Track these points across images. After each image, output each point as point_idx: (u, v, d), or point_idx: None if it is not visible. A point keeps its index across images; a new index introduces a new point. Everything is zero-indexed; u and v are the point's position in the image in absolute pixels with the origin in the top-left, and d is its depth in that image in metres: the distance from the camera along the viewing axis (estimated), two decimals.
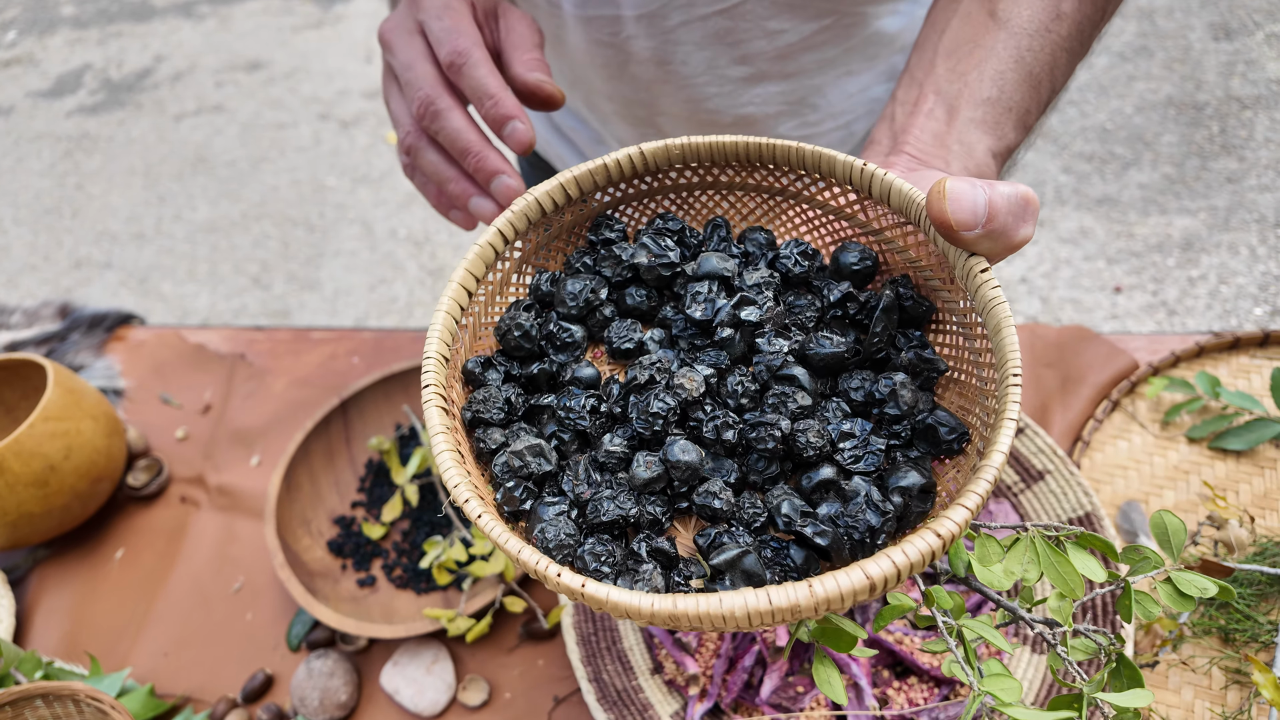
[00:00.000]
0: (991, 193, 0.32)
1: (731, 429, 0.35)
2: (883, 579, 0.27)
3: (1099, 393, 0.77)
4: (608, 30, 0.67)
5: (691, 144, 0.41)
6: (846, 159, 0.38)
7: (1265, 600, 0.62)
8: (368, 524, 0.77)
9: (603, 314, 0.42)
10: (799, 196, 0.43)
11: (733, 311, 0.38)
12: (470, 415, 0.38)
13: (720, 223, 0.43)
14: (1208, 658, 0.61)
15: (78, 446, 0.75)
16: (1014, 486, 0.68)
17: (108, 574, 0.80)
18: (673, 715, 0.61)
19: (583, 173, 0.42)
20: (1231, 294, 1.94)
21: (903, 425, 0.36)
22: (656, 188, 0.44)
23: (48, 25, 3.76)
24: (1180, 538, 0.35)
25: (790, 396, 0.36)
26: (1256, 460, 0.71)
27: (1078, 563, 0.33)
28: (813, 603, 0.27)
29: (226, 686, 0.71)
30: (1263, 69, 2.42)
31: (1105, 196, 2.20)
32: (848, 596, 0.27)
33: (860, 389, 0.37)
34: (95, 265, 2.57)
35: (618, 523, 0.34)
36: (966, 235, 0.33)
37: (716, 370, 0.37)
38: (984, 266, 0.33)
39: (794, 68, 0.69)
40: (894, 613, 0.36)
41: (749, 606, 0.27)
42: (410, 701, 0.66)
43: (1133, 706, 0.32)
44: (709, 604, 0.27)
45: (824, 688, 0.37)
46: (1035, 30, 0.46)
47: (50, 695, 0.64)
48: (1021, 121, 0.46)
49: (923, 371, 0.37)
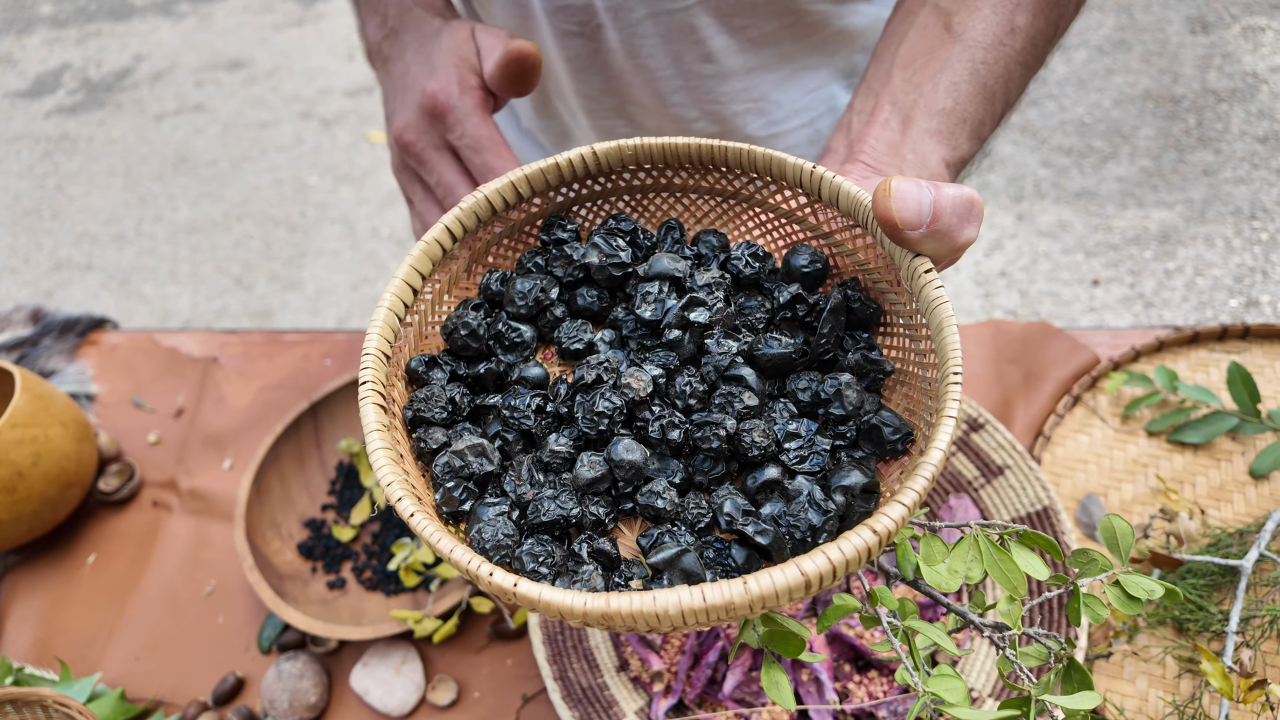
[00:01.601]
0: (937, 193, 0.33)
1: (677, 428, 0.35)
2: (818, 576, 0.27)
3: (1061, 388, 0.78)
4: (577, 20, 0.67)
5: (644, 145, 0.41)
6: (797, 162, 0.38)
7: (1218, 590, 0.63)
8: (338, 526, 0.77)
9: (553, 314, 0.42)
10: (752, 200, 0.43)
11: (681, 313, 0.37)
12: (411, 414, 0.38)
13: (674, 225, 0.43)
14: (1161, 647, 0.62)
15: (46, 452, 0.75)
16: (974, 481, 0.69)
17: (79, 579, 0.80)
18: (637, 712, 0.61)
19: (534, 171, 0.41)
20: (1208, 286, 1.96)
21: (848, 426, 0.36)
22: (611, 189, 0.44)
23: (25, 24, 3.73)
24: (1128, 541, 0.36)
25: (737, 396, 0.36)
26: (1213, 453, 0.72)
27: (1021, 561, 0.34)
28: (747, 600, 0.26)
29: (197, 690, 0.71)
30: (1239, 62, 2.44)
31: (1084, 190, 2.22)
32: (783, 594, 0.27)
33: (807, 390, 0.37)
34: (76, 267, 2.55)
35: (559, 523, 0.34)
36: (911, 235, 0.33)
37: (665, 371, 0.37)
38: (928, 267, 0.33)
39: (756, 62, 0.70)
40: (839, 613, 0.36)
41: (683, 604, 0.26)
42: (380, 702, 0.67)
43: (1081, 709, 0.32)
44: (642, 602, 0.27)
45: (771, 692, 0.37)
46: (990, 44, 0.47)
47: (19, 701, 0.64)
48: (976, 133, 0.46)
49: (869, 373, 0.38)
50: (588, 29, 0.68)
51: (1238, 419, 0.72)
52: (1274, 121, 2.26)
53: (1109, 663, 0.62)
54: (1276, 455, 0.69)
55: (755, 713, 0.59)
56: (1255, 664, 0.59)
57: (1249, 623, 0.60)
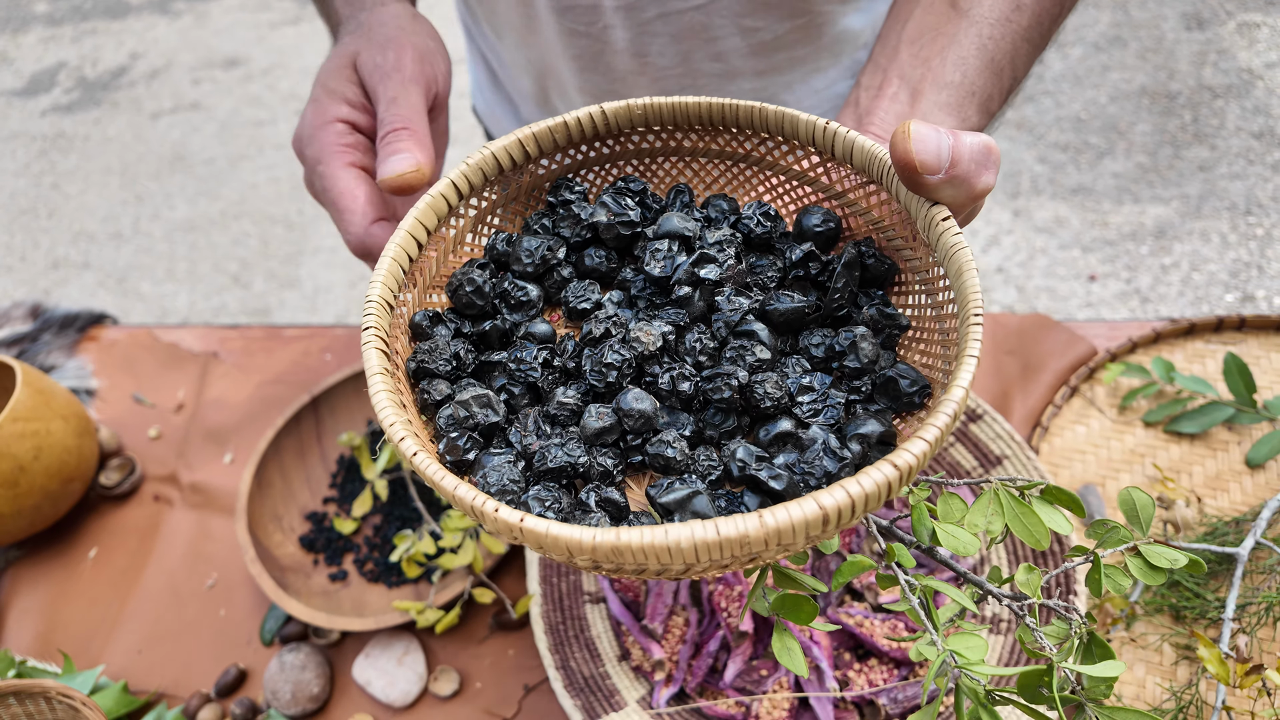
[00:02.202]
0: (955, 139, 0.33)
1: (688, 380, 0.35)
2: (836, 511, 0.26)
3: (1058, 379, 0.78)
4: (585, 20, 0.67)
5: (654, 104, 0.40)
6: (809, 118, 0.37)
7: (1214, 578, 0.63)
8: (339, 519, 0.77)
9: (560, 274, 0.41)
10: (762, 163, 0.42)
11: (691, 269, 0.37)
12: (415, 366, 0.37)
13: (684, 189, 0.43)
14: (1159, 634, 0.63)
15: (47, 447, 0.75)
16: (973, 472, 0.70)
17: (81, 573, 0.80)
18: (639, 700, 0.62)
19: (542, 129, 0.40)
20: (1203, 281, 1.97)
21: (863, 380, 0.35)
22: (619, 152, 0.43)
23: (21, 23, 3.72)
24: (1149, 513, 0.35)
25: (749, 350, 0.35)
26: (1209, 443, 0.73)
27: (1045, 515, 0.33)
28: (763, 534, 0.25)
29: (200, 682, 0.72)
30: (1234, 58, 2.45)
31: (1080, 186, 2.23)
32: (799, 528, 0.26)
33: (821, 345, 0.36)
34: (73, 265, 2.55)
35: (565, 470, 0.33)
36: (930, 179, 0.33)
37: (675, 327, 0.36)
38: (945, 215, 0.33)
39: (766, 65, 0.70)
40: (853, 569, 0.35)
41: (695, 538, 0.25)
42: (382, 693, 0.67)
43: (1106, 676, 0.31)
44: (654, 536, 0.25)
45: (783, 658, 0.36)
46: (996, 20, 0.47)
47: (22, 693, 0.64)
48: (984, 107, 0.47)
49: (885, 328, 0.37)
50: (595, 28, 0.67)
51: (1234, 409, 0.72)
52: (1269, 117, 2.27)
53: None
54: (1272, 445, 0.70)
55: (756, 700, 0.60)
56: (1251, 650, 0.60)
57: (1245, 609, 0.60)
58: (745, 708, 0.60)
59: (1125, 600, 0.62)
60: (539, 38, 0.72)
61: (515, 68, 0.80)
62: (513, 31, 0.75)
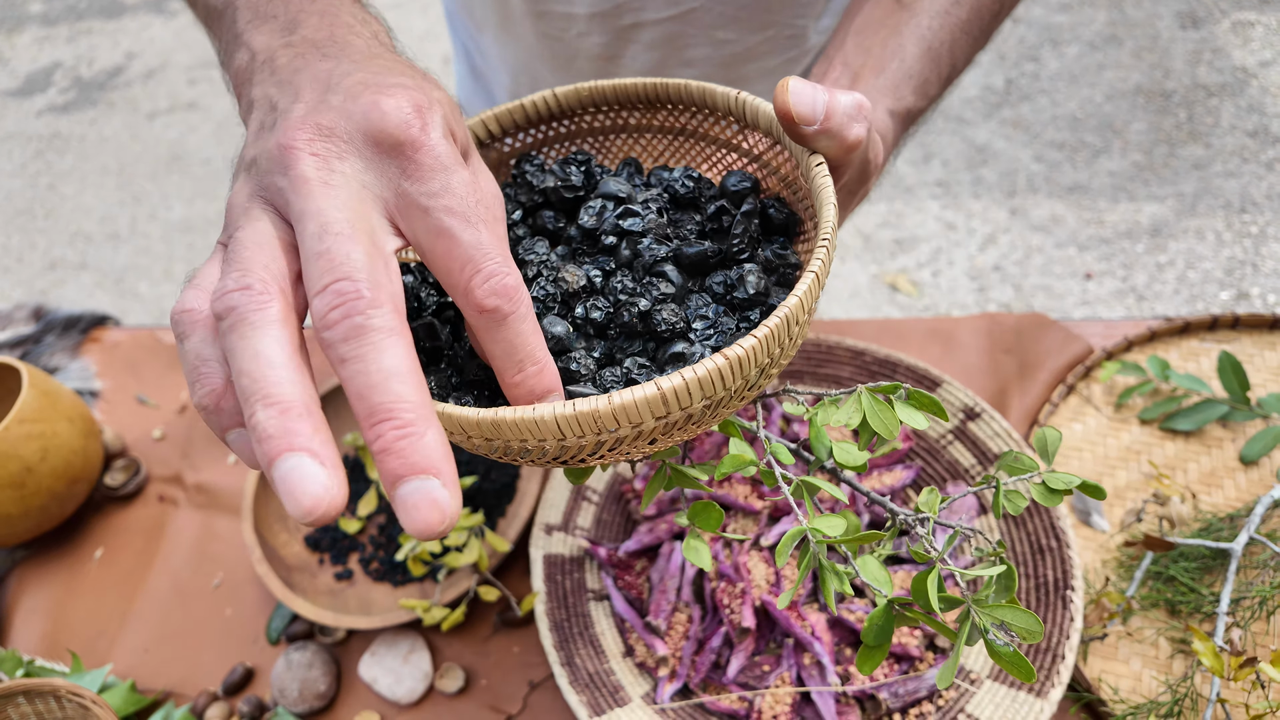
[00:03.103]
0: (830, 96, 0.36)
1: (599, 310, 0.39)
2: (672, 391, 0.29)
3: (1055, 377, 0.79)
4: (560, 26, 0.68)
5: (598, 86, 0.46)
6: (725, 90, 0.43)
7: (1209, 573, 0.64)
8: (344, 519, 0.78)
9: (515, 234, 0.45)
10: (696, 134, 0.47)
11: (616, 221, 0.41)
12: None
13: (631, 161, 0.48)
14: (1154, 629, 0.64)
15: (54, 448, 0.76)
16: (971, 469, 0.71)
17: (87, 573, 0.81)
18: (643, 696, 0.62)
19: (502, 111, 0.46)
20: (1198, 279, 1.98)
21: (754, 310, 0.40)
22: (575, 130, 0.48)
23: (15, 23, 3.71)
24: (1056, 445, 0.39)
25: (655, 285, 0.40)
26: (1204, 440, 0.74)
27: (902, 414, 0.37)
28: (610, 410, 0.29)
29: (207, 680, 0.72)
30: (1228, 57, 2.46)
31: (1076, 184, 2.24)
32: (642, 406, 0.29)
33: (721, 282, 0.41)
34: (70, 266, 2.55)
35: (484, 381, 0.38)
36: (806, 130, 0.36)
37: (602, 272, 0.41)
38: (820, 161, 0.38)
39: (736, 76, 0.72)
40: (734, 463, 0.39)
41: (556, 414, 0.29)
42: (388, 690, 0.68)
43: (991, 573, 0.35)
44: (523, 413, 0.29)
45: (691, 557, 0.41)
46: (936, 12, 0.52)
47: (32, 692, 0.65)
48: (921, 89, 0.51)
49: (778, 267, 0.42)
50: (569, 34, 0.69)
51: (1228, 407, 0.73)
52: (1263, 116, 2.28)
53: (1103, 644, 0.64)
54: (1265, 442, 0.71)
55: (759, 695, 0.61)
56: (1245, 643, 0.61)
57: (1239, 604, 0.61)
58: (748, 703, 0.61)
59: (1121, 595, 0.63)
60: (516, 39, 0.73)
61: (494, 63, 0.81)
62: (491, 30, 0.76)
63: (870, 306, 2.07)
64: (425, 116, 0.30)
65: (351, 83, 0.31)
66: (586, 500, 0.73)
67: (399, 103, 0.29)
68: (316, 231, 0.27)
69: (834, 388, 0.78)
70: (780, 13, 0.68)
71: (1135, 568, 0.66)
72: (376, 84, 0.30)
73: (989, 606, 0.35)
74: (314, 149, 0.29)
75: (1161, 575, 0.65)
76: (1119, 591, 0.64)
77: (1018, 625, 0.34)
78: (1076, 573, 0.61)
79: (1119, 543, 0.69)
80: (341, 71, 0.32)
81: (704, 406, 0.32)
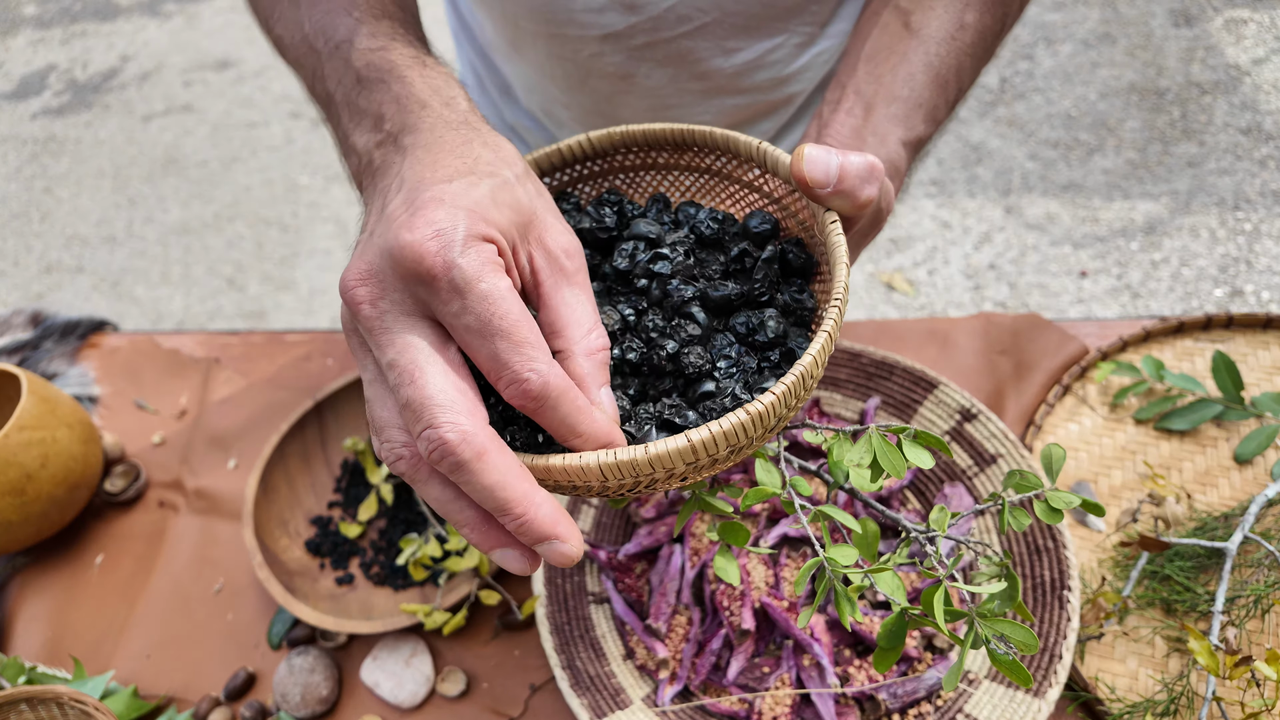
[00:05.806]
0: (843, 159, 0.39)
1: (634, 352, 0.41)
2: (701, 444, 0.33)
3: (1051, 378, 0.80)
4: (570, 48, 0.69)
5: (630, 131, 0.48)
6: (748, 140, 0.45)
7: (1204, 572, 0.65)
8: (344, 523, 0.78)
9: None
10: (720, 174, 0.49)
11: (647, 265, 0.44)
12: None
13: (660, 198, 0.50)
14: (1150, 628, 0.64)
15: (54, 455, 0.76)
16: (968, 470, 0.71)
17: (88, 579, 0.81)
18: (644, 698, 0.63)
19: (540, 155, 0.48)
20: (1193, 276, 1.99)
21: (773, 350, 0.42)
22: (607, 168, 0.50)
23: (9, 25, 3.70)
24: (1060, 463, 0.41)
25: (683, 327, 0.42)
26: (1199, 439, 0.75)
27: (910, 454, 0.40)
28: (646, 459, 0.33)
29: (209, 685, 0.72)
30: (1221, 54, 2.47)
31: (1071, 182, 2.25)
32: (675, 456, 0.33)
33: (744, 324, 0.43)
34: (66, 270, 2.54)
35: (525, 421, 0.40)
36: (821, 193, 0.39)
37: (635, 311, 0.43)
38: (834, 219, 0.40)
39: (748, 83, 0.72)
40: (759, 495, 0.41)
41: (600, 461, 0.33)
42: (390, 694, 0.68)
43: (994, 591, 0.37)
44: (570, 460, 0.33)
45: (722, 573, 0.44)
46: (942, 38, 0.52)
47: (34, 699, 0.65)
48: (930, 116, 0.52)
49: (795, 310, 0.44)
50: (581, 55, 0.69)
51: (1222, 406, 0.74)
52: (1257, 113, 2.29)
53: (1100, 643, 0.64)
54: (1259, 441, 0.72)
55: (759, 697, 0.61)
56: (1240, 642, 0.61)
57: (1234, 603, 0.62)
58: (748, 704, 0.61)
59: (1117, 595, 0.63)
60: (527, 59, 0.74)
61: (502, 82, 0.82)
62: (500, 50, 0.76)
63: (866, 305, 2.07)
64: (444, 240, 0.32)
65: (394, 206, 0.35)
66: (586, 504, 0.74)
67: (418, 236, 0.32)
68: (395, 382, 0.33)
69: (834, 391, 0.78)
70: (790, 20, 0.69)
71: (1131, 567, 0.67)
72: (412, 203, 0.34)
73: (991, 620, 0.37)
74: (365, 294, 0.34)
75: (1157, 575, 0.66)
76: (1115, 591, 0.65)
77: (1016, 639, 0.37)
78: (1073, 573, 0.62)
79: (1115, 542, 0.69)
80: (396, 185, 0.36)
81: (729, 452, 0.35)
